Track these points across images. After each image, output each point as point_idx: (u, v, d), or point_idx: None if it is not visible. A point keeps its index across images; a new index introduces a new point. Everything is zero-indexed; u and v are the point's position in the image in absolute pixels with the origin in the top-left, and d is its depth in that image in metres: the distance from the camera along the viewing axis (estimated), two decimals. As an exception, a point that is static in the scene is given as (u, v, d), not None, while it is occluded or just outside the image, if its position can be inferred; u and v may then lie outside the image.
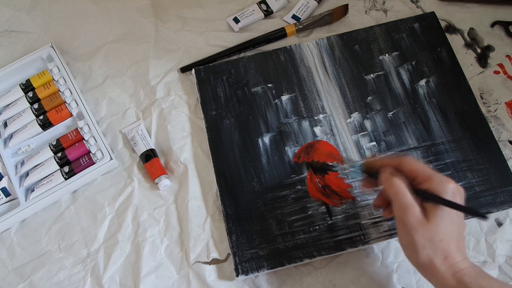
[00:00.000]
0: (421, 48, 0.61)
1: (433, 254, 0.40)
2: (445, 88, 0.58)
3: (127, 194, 0.56)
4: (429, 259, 0.40)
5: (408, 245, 0.41)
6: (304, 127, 0.57)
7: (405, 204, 0.41)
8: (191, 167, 0.57)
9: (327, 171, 0.54)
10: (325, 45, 0.62)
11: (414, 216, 0.40)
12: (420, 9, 0.65)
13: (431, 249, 0.40)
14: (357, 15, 0.65)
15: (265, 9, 0.65)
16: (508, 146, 0.56)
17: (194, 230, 0.53)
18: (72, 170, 0.56)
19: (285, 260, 0.51)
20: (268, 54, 0.61)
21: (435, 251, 0.40)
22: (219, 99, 0.59)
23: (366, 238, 0.51)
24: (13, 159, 0.58)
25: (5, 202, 0.55)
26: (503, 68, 0.60)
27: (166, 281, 0.52)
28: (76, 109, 0.59)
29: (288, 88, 0.59)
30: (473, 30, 0.63)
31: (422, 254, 0.40)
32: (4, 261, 0.53)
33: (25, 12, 0.68)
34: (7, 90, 0.61)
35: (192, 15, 0.66)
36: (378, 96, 0.58)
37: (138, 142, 0.57)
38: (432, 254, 0.40)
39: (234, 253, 0.51)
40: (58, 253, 0.54)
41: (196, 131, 0.59)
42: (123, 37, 0.65)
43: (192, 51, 0.64)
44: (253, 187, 0.54)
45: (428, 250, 0.40)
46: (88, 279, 0.52)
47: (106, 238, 0.54)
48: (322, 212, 0.52)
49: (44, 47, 0.62)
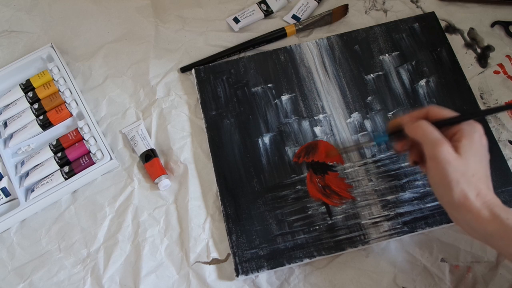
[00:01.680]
0: (421, 48, 0.61)
1: (467, 189, 0.39)
2: (445, 88, 0.58)
3: (127, 194, 0.56)
4: (464, 194, 0.39)
5: (440, 181, 0.40)
6: (304, 127, 0.57)
7: (436, 139, 0.40)
8: (191, 167, 0.57)
9: (327, 171, 0.54)
10: (325, 45, 0.62)
11: (446, 149, 0.39)
12: (420, 9, 0.65)
13: (465, 183, 0.39)
14: (357, 15, 0.65)
15: (265, 9, 0.65)
16: (508, 146, 0.56)
17: (194, 230, 0.53)
18: (72, 170, 0.56)
19: (285, 260, 0.51)
20: (268, 54, 0.61)
21: (468, 186, 0.39)
22: (219, 99, 0.59)
23: (366, 238, 0.51)
24: (13, 159, 0.58)
25: (5, 202, 0.55)
26: (503, 68, 0.60)
27: (166, 281, 0.52)
28: (76, 109, 0.59)
29: (288, 88, 0.59)
30: (473, 30, 0.63)
31: (457, 190, 0.39)
32: (4, 261, 0.53)
33: (25, 12, 0.68)
34: (7, 90, 0.61)
35: (192, 15, 0.66)
36: (378, 96, 0.58)
37: (138, 142, 0.57)
38: (466, 188, 0.39)
39: (234, 253, 0.51)
40: (58, 253, 0.54)
41: (196, 131, 0.59)
42: (123, 37, 0.65)
43: (192, 51, 0.64)
44: (253, 187, 0.54)
45: (462, 185, 0.39)
46: (88, 279, 0.52)
47: (106, 238, 0.54)
48: (322, 212, 0.52)
49: (44, 47, 0.62)
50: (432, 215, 0.51)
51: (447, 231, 0.52)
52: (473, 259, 0.50)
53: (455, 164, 0.39)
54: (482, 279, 0.50)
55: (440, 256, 0.51)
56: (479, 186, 0.39)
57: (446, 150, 0.39)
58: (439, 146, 0.40)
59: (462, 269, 0.50)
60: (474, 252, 0.51)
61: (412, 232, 0.51)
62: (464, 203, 0.39)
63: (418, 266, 0.51)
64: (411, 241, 0.52)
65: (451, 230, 0.52)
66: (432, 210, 0.52)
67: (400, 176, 0.53)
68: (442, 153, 0.39)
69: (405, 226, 0.51)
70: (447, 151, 0.39)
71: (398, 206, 0.52)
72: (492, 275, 0.50)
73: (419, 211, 0.52)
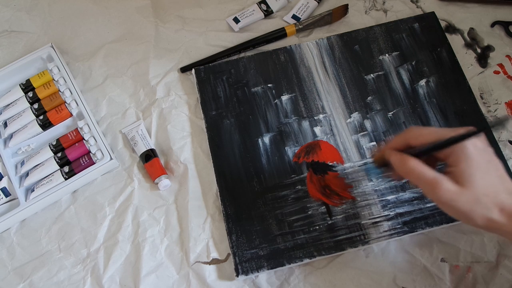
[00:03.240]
0: (421, 48, 0.61)
1: (487, 212, 0.36)
2: (445, 88, 0.58)
3: (127, 194, 0.56)
4: (486, 218, 0.37)
5: (459, 216, 0.38)
6: (304, 127, 0.57)
7: (431, 181, 0.38)
8: (191, 167, 0.57)
9: (327, 171, 0.54)
10: (325, 45, 0.62)
11: (446, 188, 0.37)
12: (420, 9, 0.65)
13: (482, 208, 0.36)
14: (357, 15, 0.65)
15: (265, 9, 0.65)
16: (508, 146, 0.56)
17: (194, 230, 0.53)
18: (72, 170, 0.56)
19: (285, 260, 0.51)
20: (268, 54, 0.61)
21: (486, 207, 0.36)
22: (219, 99, 0.59)
23: (366, 238, 0.51)
24: (13, 159, 0.58)
25: (5, 202, 0.55)
26: (503, 68, 0.60)
27: (166, 281, 0.52)
28: (76, 109, 0.59)
29: (288, 88, 0.59)
30: (473, 30, 0.63)
31: (477, 218, 0.37)
32: (4, 261, 0.53)
33: (25, 12, 0.68)
34: (7, 90, 0.61)
35: (192, 15, 0.66)
36: (378, 96, 0.58)
37: (138, 142, 0.57)
38: (485, 212, 0.36)
39: (234, 253, 0.51)
40: (58, 253, 0.54)
41: (196, 131, 0.59)
42: (123, 37, 0.65)
43: (192, 51, 0.64)
44: (253, 187, 0.54)
45: (480, 211, 0.36)
46: (88, 279, 0.52)
47: (106, 238, 0.54)
48: (322, 212, 0.52)
49: (44, 47, 0.62)
50: (432, 215, 0.51)
51: (447, 231, 0.52)
52: (473, 259, 0.50)
53: (462, 198, 0.37)
54: (482, 279, 0.49)
55: (440, 256, 0.51)
56: (497, 200, 0.37)
57: (446, 189, 0.37)
58: (437, 188, 0.37)
59: (462, 269, 0.50)
60: (474, 252, 0.51)
61: (412, 232, 0.51)
62: (491, 226, 0.37)
63: (418, 266, 0.51)
64: (411, 241, 0.52)
65: (451, 230, 0.52)
66: (432, 210, 0.52)
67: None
68: (443, 195, 0.37)
69: (405, 226, 0.51)
70: (447, 190, 0.37)
71: (398, 206, 0.52)
72: (492, 275, 0.50)
73: (419, 211, 0.52)
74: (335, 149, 0.56)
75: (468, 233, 0.51)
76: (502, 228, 0.37)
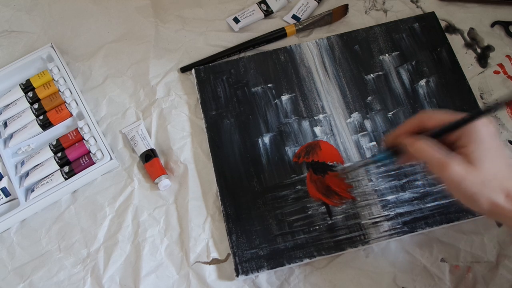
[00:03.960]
0: (421, 48, 0.61)
1: (493, 195, 0.37)
2: (445, 88, 0.58)
3: (127, 194, 0.56)
4: (491, 202, 0.37)
5: (463, 197, 0.38)
6: (304, 127, 0.57)
7: (441, 161, 0.38)
8: (191, 167, 0.57)
9: (327, 171, 0.54)
10: (325, 45, 0.62)
11: (456, 167, 0.37)
12: (420, 9, 0.65)
13: (489, 191, 0.37)
14: (357, 15, 0.65)
15: (265, 9, 0.65)
16: (508, 146, 0.56)
17: (194, 230, 0.54)
18: (72, 170, 0.56)
19: (285, 260, 0.51)
20: (268, 54, 0.61)
21: (493, 191, 0.37)
22: (219, 99, 0.59)
23: (366, 238, 0.51)
24: (13, 159, 0.58)
25: (5, 202, 0.55)
26: (503, 68, 0.60)
27: (166, 281, 0.52)
28: (76, 109, 0.59)
29: (288, 88, 0.59)
30: (473, 30, 0.63)
31: (483, 200, 0.37)
32: (4, 261, 0.53)
33: (25, 12, 0.68)
34: (7, 90, 0.61)
35: (192, 15, 0.66)
36: (378, 96, 0.58)
37: (138, 142, 0.57)
38: (492, 195, 0.37)
39: (234, 253, 0.51)
40: (58, 253, 0.54)
41: (196, 131, 0.59)
42: (123, 37, 0.65)
43: (192, 51, 0.64)
44: (253, 187, 0.54)
45: (486, 194, 0.37)
46: (88, 279, 0.52)
47: (106, 238, 0.54)
48: (322, 212, 0.52)
49: (44, 47, 0.62)
50: (432, 215, 0.51)
51: (447, 231, 0.52)
52: (473, 259, 0.50)
53: (471, 177, 0.37)
54: (482, 279, 0.50)
55: (440, 256, 0.51)
56: (504, 185, 0.37)
57: (456, 168, 0.37)
58: (447, 167, 0.37)
59: (462, 269, 0.50)
60: (474, 252, 0.51)
61: (412, 232, 0.51)
62: (495, 210, 0.37)
63: (418, 266, 0.51)
64: (411, 241, 0.52)
65: (451, 230, 0.52)
66: (432, 210, 0.52)
67: (400, 176, 0.53)
68: (452, 173, 0.37)
69: (405, 226, 0.51)
70: (457, 169, 0.37)
71: (398, 206, 0.52)
72: (492, 275, 0.50)
73: (419, 211, 0.52)
74: (335, 149, 0.56)
75: (468, 233, 0.51)
76: (506, 214, 0.37)
